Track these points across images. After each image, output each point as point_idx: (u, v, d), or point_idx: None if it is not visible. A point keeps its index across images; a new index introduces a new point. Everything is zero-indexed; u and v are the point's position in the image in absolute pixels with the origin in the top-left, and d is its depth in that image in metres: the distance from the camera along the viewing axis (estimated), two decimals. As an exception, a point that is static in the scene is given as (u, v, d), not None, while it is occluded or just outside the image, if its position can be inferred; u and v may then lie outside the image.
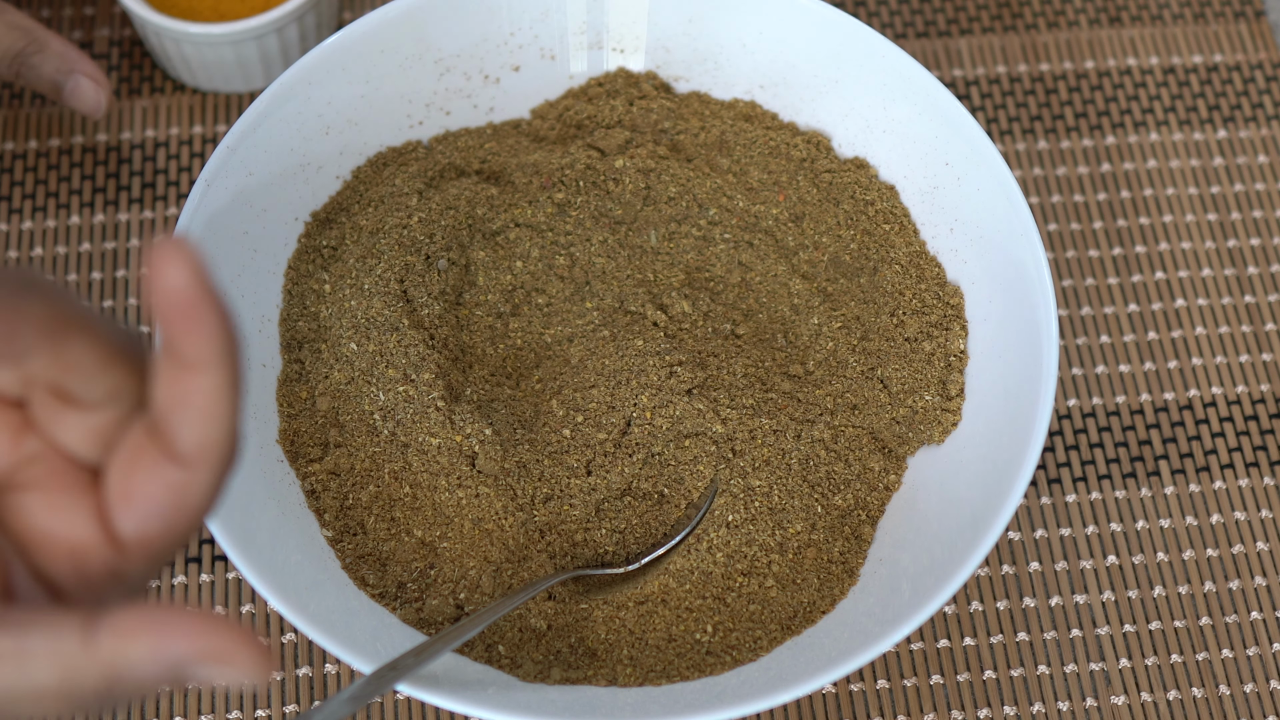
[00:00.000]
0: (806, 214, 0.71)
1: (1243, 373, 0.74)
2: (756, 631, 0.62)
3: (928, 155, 0.70)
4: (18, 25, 0.67)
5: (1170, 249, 0.77)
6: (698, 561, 0.63)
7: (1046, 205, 0.78)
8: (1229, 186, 0.79)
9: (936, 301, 0.68)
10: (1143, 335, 0.75)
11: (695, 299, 0.69)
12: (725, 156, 0.72)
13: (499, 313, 0.69)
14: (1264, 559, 0.70)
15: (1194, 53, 0.83)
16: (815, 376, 0.68)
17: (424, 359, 0.65)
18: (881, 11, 0.83)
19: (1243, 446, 0.73)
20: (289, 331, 0.67)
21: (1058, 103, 0.81)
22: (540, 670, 0.61)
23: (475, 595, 0.62)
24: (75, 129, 0.78)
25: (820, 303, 0.69)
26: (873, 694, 0.67)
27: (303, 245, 0.69)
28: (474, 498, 0.63)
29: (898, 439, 0.66)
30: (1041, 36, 0.83)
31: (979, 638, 0.68)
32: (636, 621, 0.62)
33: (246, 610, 0.67)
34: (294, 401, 0.66)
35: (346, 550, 0.63)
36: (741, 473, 0.64)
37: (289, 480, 0.64)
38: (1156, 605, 0.69)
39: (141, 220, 0.76)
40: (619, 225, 0.71)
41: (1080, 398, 0.73)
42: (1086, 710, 0.67)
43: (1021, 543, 0.70)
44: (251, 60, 0.77)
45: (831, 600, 0.63)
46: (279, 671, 0.66)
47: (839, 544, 0.64)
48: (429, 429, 0.64)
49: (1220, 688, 0.67)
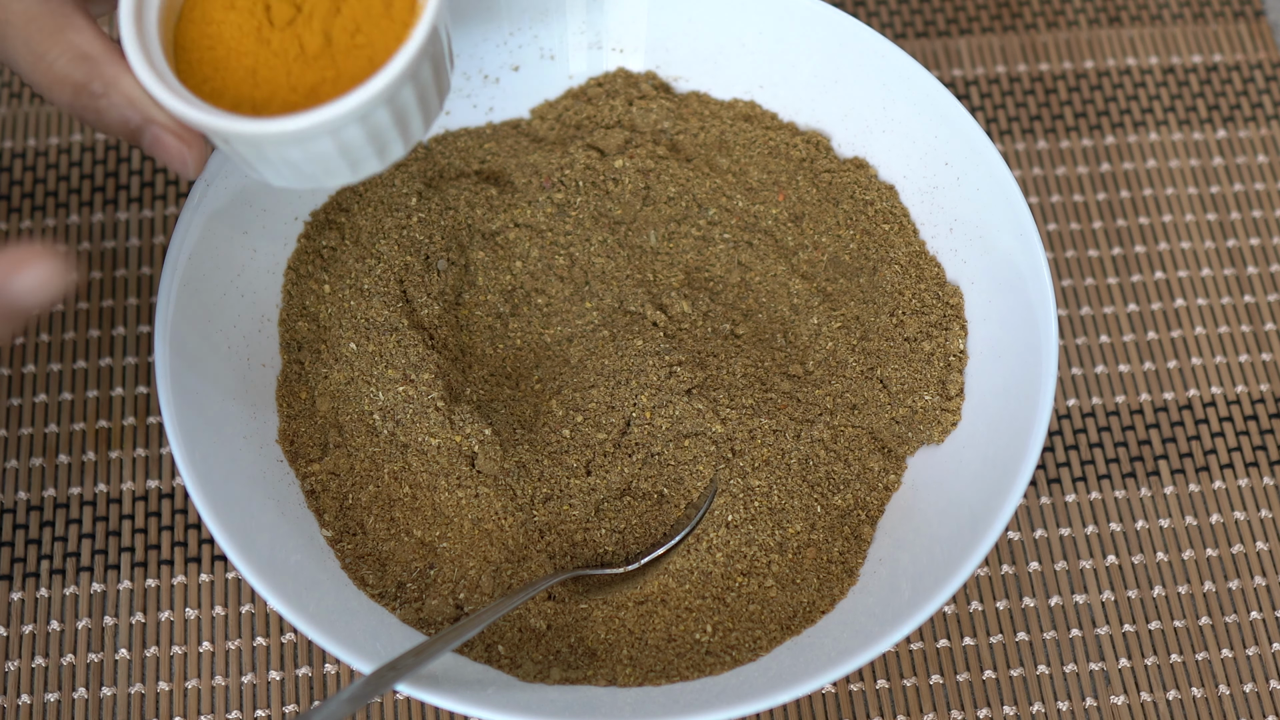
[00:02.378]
0: (806, 214, 0.71)
1: (1242, 373, 0.74)
2: (756, 631, 0.62)
3: (927, 155, 0.70)
4: (84, 54, 0.53)
5: (1170, 249, 0.77)
6: (697, 561, 0.63)
7: (1046, 205, 0.78)
8: (1229, 186, 0.79)
9: (936, 301, 0.68)
10: (1142, 335, 0.75)
11: (695, 299, 0.69)
12: (725, 156, 0.72)
13: (498, 313, 0.69)
14: (1263, 559, 0.70)
15: (1194, 52, 0.83)
16: (815, 376, 0.68)
17: (424, 359, 0.65)
18: (881, 11, 0.83)
19: (1242, 446, 0.73)
20: (289, 331, 0.67)
21: (1057, 103, 0.81)
22: (540, 670, 0.61)
23: (475, 595, 0.62)
24: (75, 128, 0.78)
25: (820, 303, 0.69)
26: (872, 694, 0.67)
27: (302, 245, 0.69)
28: (474, 498, 0.63)
29: (897, 439, 0.66)
30: (1041, 36, 0.83)
31: (979, 638, 0.68)
32: (636, 621, 0.62)
33: (246, 610, 0.67)
34: (294, 401, 0.66)
35: (346, 550, 0.63)
36: (741, 473, 0.64)
37: (289, 480, 0.64)
38: (1156, 605, 0.69)
39: (141, 220, 0.76)
40: (618, 225, 0.71)
41: (1080, 398, 0.73)
42: (1086, 710, 0.67)
43: (1021, 543, 0.70)
44: (357, 143, 0.57)
45: (831, 600, 0.63)
46: (278, 671, 0.66)
47: (839, 544, 0.64)
48: (429, 429, 0.64)
49: (1220, 688, 0.67)
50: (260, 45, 0.56)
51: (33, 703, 0.65)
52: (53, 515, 0.69)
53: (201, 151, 0.55)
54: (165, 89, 0.54)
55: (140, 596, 0.67)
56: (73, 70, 0.54)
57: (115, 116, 0.55)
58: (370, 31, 0.57)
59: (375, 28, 0.57)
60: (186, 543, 0.69)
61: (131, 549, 0.68)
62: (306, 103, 0.56)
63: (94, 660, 0.66)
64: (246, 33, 0.56)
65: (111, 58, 0.54)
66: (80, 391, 0.72)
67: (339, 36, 0.57)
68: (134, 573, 0.68)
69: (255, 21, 0.56)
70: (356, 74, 0.56)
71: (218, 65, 0.56)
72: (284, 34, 0.56)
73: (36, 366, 0.72)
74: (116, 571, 0.68)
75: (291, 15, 0.57)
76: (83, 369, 0.72)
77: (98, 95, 0.54)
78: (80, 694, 0.66)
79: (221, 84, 0.56)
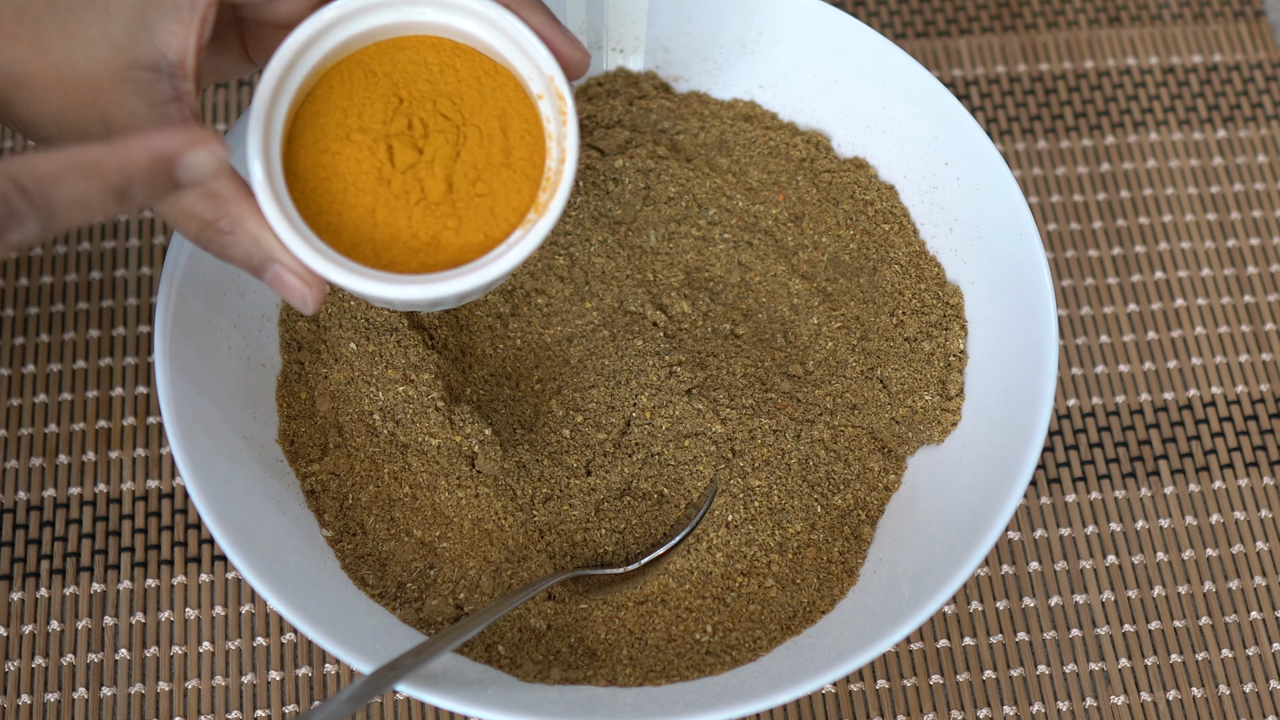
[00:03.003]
0: (806, 214, 0.71)
1: (1242, 373, 0.74)
2: (756, 631, 0.62)
3: (927, 155, 0.70)
4: (213, 192, 0.54)
5: (1170, 249, 0.77)
6: (697, 561, 0.63)
7: (1046, 205, 0.78)
8: (1229, 186, 0.79)
9: (936, 301, 0.68)
10: (1142, 335, 0.75)
11: (695, 299, 0.69)
12: (725, 156, 0.72)
13: (498, 313, 0.69)
14: (1264, 559, 0.70)
15: (1194, 53, 0.83)
16: (815, 376, 0.68)
17: (423, 359, 0.65)
18: (881, 11, 0.83)
19: (1242, 446, 0.73)
20: (289, 331, 0.67)
21: (1058, 103, 0.81)
22: (540, 670, 0.61)
23: (475, 595, 0.62)
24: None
25: (820, 303, 0.69)
26: (872, 694, 0.67)
27: (302, 245, 0.69)
28: (474, 498, 0.63)
29: (897, 439, 0.66)
30: (1041, 36, 0.83)
31: (979, 638, 0.68)
32: (636, 621, 0.62)
33: (246, 610, 0.67)
34: (294, 402, 0.66)
35: (346, 550, 0.63)
36: (741, 473, 0.64)
37: (289, 480, 0.64)
38: (1156, 605, 0.69)
39: (141, 220, 0.76)
40: (619, 225, 0.71)
41: (1080, 398, 0.73)
42: (1086, 710, 0.67)
43: (1021, 543, 0.70)
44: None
45: (831, 600, 0.63)
46: (278, 671, 0.66)
47: (839, 544, 0.64)
48: (429, 429, 0.64)
49: (1220, 688, 0.67)
50: (380, 185, 0.56)
51: (33, 703, 0.65)
52: (53, 515, 0.69)
53: (322, 290, 0.56)
54: (298, 239, 0.54)
55: (140, 596, 0.67)
56: (201, 208, 0.54)
57: (239, 253, 0.55)
58: (491, 180, 0.57)
59: (496, 177, 0.57)
60: (186, 543, 0.69)
61: (131, 549, 0.68)
62: (429, 252, 0.56)
63: (94, 660, 0.66)
64: (367, 170, 0.56)
65: (239, 196, 0.54)
66: (80, 391, 0.72)
67: (460, 184, 0.57)
68: (134, 573, 0.68)
69: (376, 161, 0.56)
70: (478, 224, 0.56)
71: (334, 199, 0.56)
72: (405, 177, 0.56)
73: (36, 366, 0.72)
74: (116, 571, 0.68)
75: (414, 160, 0.56)
76: (83, 369, 0.72)
77: (224, 232, 0.55)
78: (80, 694, 0.66)
79: (339, 220, 0.56)
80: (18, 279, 0.74)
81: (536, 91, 0.57)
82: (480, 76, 0.57)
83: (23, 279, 0.74)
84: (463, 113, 0.57)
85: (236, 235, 0.55)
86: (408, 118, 0.57)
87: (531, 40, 0.56)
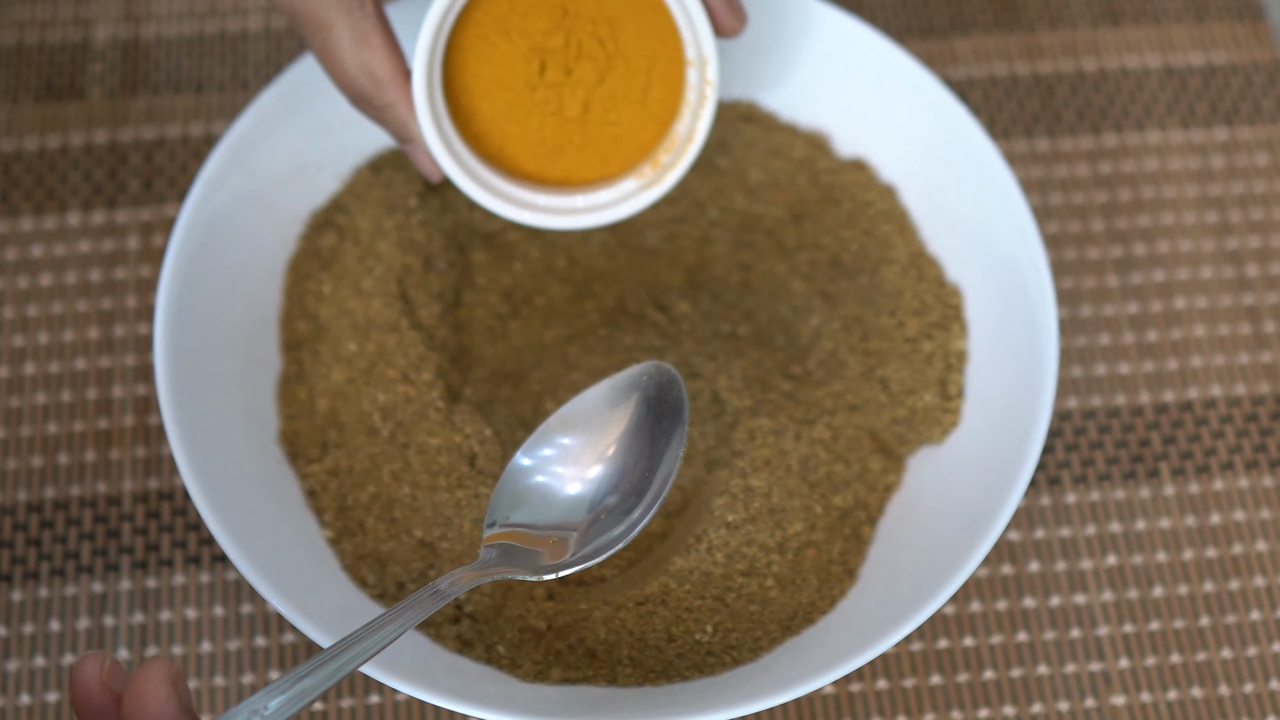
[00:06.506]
0: (806, 214, 0.71)
1: (1243, 373, 0.74)
2: (756, 631, 0.62)
3: (928, 155, 0.70)
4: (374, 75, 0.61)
5: (1170, 249, 0.77)
6: (697, 562, 0.63)
7: (1046, 205, 0.78)
8: (1229, 187, 0.79)
9: (936, 301, 0.68)
10: (1143, 336, 0.75)
11: (695, 299, 0.69)
12: (725, 156, 0.72)
13: (498, 313, 0.69)
14: (1264, 559, 0.70)
15: (1194, 52, 0.83)
16: (815, 377, 0.68)
17: (423, 359, 0.65)
18: (881, 11, 0.83)
19: (1242, 447, 0.73)
20: (288, 332, 0.67)
21: (1058, 103, 0.81)
22: (540, 670, 0.61)
23: (475, 595, 0.62)
24: (74, 127, 0.78)
25: (820, 303, 0.69)
26: (873, 694, 0.67)
27: (302, 246, 0.69)
28: (474, 498, 0.63)
29: (897, 439, 0.66)
30: (1041, 36, 0.83)
31: (979, 638, 0.68)
32: (636, 621, 0.62)
33: (246, 610, 0.67)
34: (293, 402, 0.66)
35: (346, 550, 0.63)
36: (741, 473, 0.64)
37: (289, 480, 0.64)
38: (1156, 606, 0.69)
39: (140, 220, 0.76)
40: (618, 225, 0.71)
41: (1080, 398, 0.73)
42: (1086, 710, 0.67)
43: (1021, 543, 0.70)
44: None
45: (831, 600, 0.63)
46: (278, 671, 0.66)
47: (839, 544, 0.64)
48: (428, 429, 0.64)
49: (1220, 688, 0.67)
50: (525, 89, 0.62)
51: (33, 703, 0.65)
52: (52, 516, 0.69)
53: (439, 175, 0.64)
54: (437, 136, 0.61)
55: (140, 597, 0.67)
56: (362, 82, 0.61)
57: (388, 127, 0.63)
58: (622, 111, 0.63)
59: (629, 112, 0.63)
60: (186, 543, 0.69)
61: (131, 550, 0.68)
62: (550, 158, 0.63)
63: (94, 660, 0.66)
64: (518, 73, 0.62)
65: (397, 83, 0.61)
66: (80, 391, 0.72)
67: (595, 109, 0.62)
68: (134, 573, 0.68)
69: (528, 70, 0.61)
70: (599, 147, 0.63)
71: (481, 84, 0.62)
72: (549, 90, 0.62)
73: (36, 366, 0.72)
74: (116, 572, 0.68)
75: (561, 79, 0.62)
76: (83, 369, 0.72)
77: (378, 107, 0.62)
78: (80, 694, 0.66)
79: (478, 105, 0.62)
80: (18, 279, 0.74)
81: (690, 57, 0.60)
82: (644, 10, 0.61)
83: (23, 279, 0.74)
84: (617, 42, 0.61)
85: (386, 115, 0.62)
86: (566, 33, 0.61)
87: (700, 15, 0.60)
